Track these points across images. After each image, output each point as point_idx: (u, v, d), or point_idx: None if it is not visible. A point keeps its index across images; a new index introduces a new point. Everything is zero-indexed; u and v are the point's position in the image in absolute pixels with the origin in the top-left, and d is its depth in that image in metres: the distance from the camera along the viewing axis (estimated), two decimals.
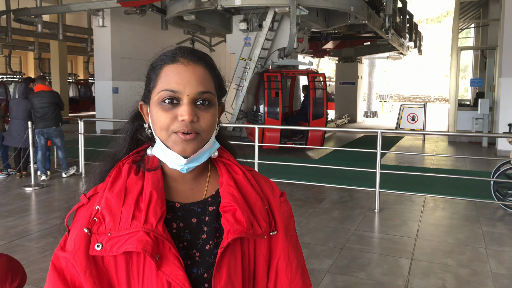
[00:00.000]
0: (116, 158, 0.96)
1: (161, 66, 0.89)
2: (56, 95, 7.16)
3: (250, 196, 0.92)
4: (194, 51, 0.91)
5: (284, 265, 0.93)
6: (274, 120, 9.73)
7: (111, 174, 0.90)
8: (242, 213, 0.88)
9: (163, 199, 0.87)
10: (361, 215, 5.27)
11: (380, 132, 5.63)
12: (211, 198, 0.93)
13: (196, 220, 0.90)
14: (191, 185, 0.93)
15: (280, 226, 0.93)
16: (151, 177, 0.89)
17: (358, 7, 11.27)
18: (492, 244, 4.33)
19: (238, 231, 0.86)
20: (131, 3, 11.79)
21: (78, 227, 0.86)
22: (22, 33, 17.91)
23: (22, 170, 7.35)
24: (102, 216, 0.84)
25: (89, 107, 22.89)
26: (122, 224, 0.83)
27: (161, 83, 0.87)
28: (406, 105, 14.18)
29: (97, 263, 0.84)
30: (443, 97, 38.20)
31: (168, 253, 0.83)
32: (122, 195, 0.86)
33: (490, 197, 5.60)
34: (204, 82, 0.87)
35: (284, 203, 0.98)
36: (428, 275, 3.62)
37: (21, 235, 4.51)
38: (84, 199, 0.89)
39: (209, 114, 0.87)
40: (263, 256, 0.92)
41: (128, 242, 0.81)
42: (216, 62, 0.94)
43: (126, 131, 0.99)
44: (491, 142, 11.29)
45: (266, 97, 9.71)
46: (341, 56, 20.78)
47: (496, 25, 12.28)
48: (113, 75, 14.05)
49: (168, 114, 0.85)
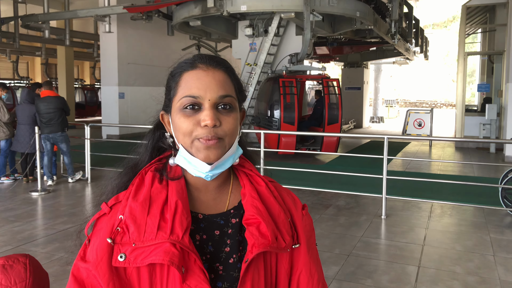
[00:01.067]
0: (137, 167, 0.94)
1: (181, 74, 0.88)
2: (62, 101, 7.20)
3: (273, 209, 0.90)
4: (213, 56, 0.91)
5: (306, 279, 0.92)
6: (290, 126, 9.72)
7: (134, 182, 0.88)
8: (267, 226, 0.86)
9: (188, 210, 0.85)
10: (368, 222, 5.23)
11: (386, 137, 5.60)
12: (233, 210, 0.91)
13: (219, 233, 0.89)
14: (214, 195, 0.92)
15: (302, 239, 0.92)
16: (175, 186, 0.87)
17: (364, 13, 11.27)
18: (501, 251, 4.28)
19: (263, 244, 0.85)
20: (138, 8, 11.87)
21: (100, 236, 0.83)
22: (29, 38, 18.09)
23: (29, 175, 7.39)
24: (126, 226, 0.82)
25: (95, 112, 23.04)
26: (147, 235, 0.81)
27: (182, 90, 0.86)
28: (413, 111, 14.11)
29: (120, 275, 0.81)
30: (450, 103, 38.03)
31: (193, 265, 0.81)
32: (147, 205, 0.84)
33: (498, 204, 5.54)
34: (225, 86, 0.87)
35: (306, 216, 0.97)
36: (435, 282, 3.58)
37: (27, 240, 4.52)
38: (106, 208, 0.86)
39: (231, 118, 0.86)
40: (284, 269, 0.90)
41: (154, 253, 0.79)
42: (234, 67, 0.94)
43: (148, 140, 0.98)
44: (499, 148, 11.20)
45: (282, 102, 9.71)
46: (347, 61, 20.78)
47: (503, 30, 12.22)
48: (119, 81, 14.13)
49: (190, 120, 0.84)
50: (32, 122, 7.17)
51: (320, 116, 10.77)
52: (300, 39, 11.76)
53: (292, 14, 10.25)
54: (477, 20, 16.50)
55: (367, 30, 14.21)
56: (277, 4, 10.08)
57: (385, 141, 5.55)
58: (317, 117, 10.77)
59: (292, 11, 10.18)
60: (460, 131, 12.40)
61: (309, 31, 9.95)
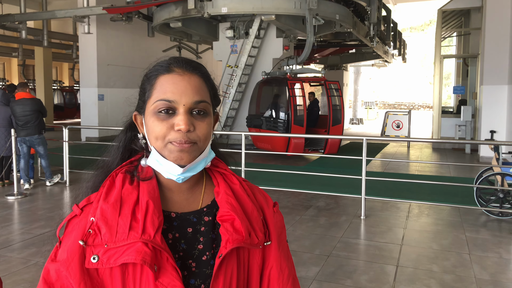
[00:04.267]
0: (109, 168, 0.95)
1: (156, 76, 0.88)
2: (38, 103, 7.06)
3: (247, 206, 0.92)
4: (189, 61, 0.91)
5: (276, 274, 0.94)
6: (300, 127, 9.86)
7: (105, 184, 0.88)
8: (241, 223, 0.88)
9: (160, 209, 0.86)
10: (347, 222, 5.30)
11: (365, 139, 5.68)
12: (206, 208, 0.92)
13: (192, 230, 0.90)
14: (186, 195, 0.93)
15: (274, 236, 0.94)
16: (147, 187, 0.88)
17: (343, 16, 11.42)
18: (476, 250, 4.39)
19: (237, 240, 0.86)
20: (117, 9, 11.74)
21: (72, 238, 0.83)
22: (5, 39, 17.70)
23: (5, 179, 7.22)
24: (97, 228, 0.82)
25: (74, 114, 22.65)
26: (119, 235, 0.81)
27: (157, 93, 0.87)
28: (391, 112, 14.34)
29: (91, 275, 0.81)
30: (427, 104, 38.76)
31: (165, 263, 0.82)
32: (118, 206, 0.84)
33: (473, 203, 5.69)
34: (200, 91, 0.87)
35: (277, 213, 0.99)
36: (413, 281, 3.65)
37: (2, 246, 4.42)
38: (77, 210, 0.86)
39: (205, 123, 0.87)
40: (257, 265, 0.93)
41: (126, 253, 0.80)
42: (210, 71, 0.95)
43: (120, 141, 0.98)
44: (474, 148, 11.48)
45: (292, 105, 9.80)
46: (327, 64, 20.98)
47: (478, 34, 12.54)
48: (99, 82, 13.95)
49: (164, 124, 0.85)
50: (8, 124, 7.01)
51: (316, 117, 10.91)
52: (280, 41, 11.85)
53: (273, 16, 10.31)
54: (452, 24, 16.88)
55: (346, 33, 14.39)
56: (257, 6, 10.13)
57: (364, 142, 5.63)
58: (312, 118, 10.88)
59: (272, 13, 10.25)
60: (436, 132, 12.66)
61: (312, 34, 10.10)
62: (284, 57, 11.81)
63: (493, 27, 10.07)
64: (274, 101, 10.61)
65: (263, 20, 10.73)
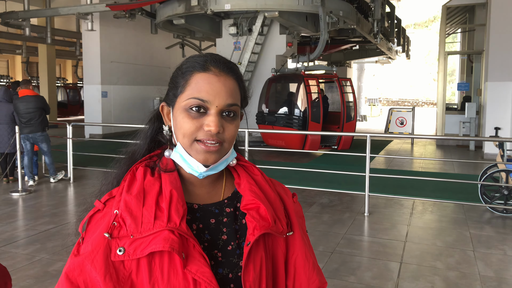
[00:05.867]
0: (133, 159, 0.95)
1: (191, 72, 0.88)
2: (42, 100, 7.08)
3: (269, 195, 0.94)
4: (226, 61, 0.91)
5: (302, 262, 0.95)
6: (317, 124, 9.93)
7: (126, 178, 0.88)
8: (267, 209, 0.89)
9: (183, 198, 0.86)
10: (351, 219, 5.29)
11: (369, 136, 5.67)
12: (227, 200, 0.94)
13: (214, 221, 0.91)
14: (207, 188, 0.94)
15: (296, 225, 0.95)
16: (169, 178, 0.88)
17: (347, 12, 11.38)
18: (480, 247, 4.38)
19: (264, 227, 0.87)
20: (120, 6, 11.75)
21: (96, 232, 0.82)
22: (9, 36, 17.73)
23: (9, 176, 7.25)
24: (122, 219, 0.82)
25: (78, 111, 22.71)
26: (144, 225, 0.81)
27: (191, 90, 0.87)
28: (395, 109, 14.31)
29: (117, 268, 0.80)
30: (431, 101, 38.61)
31: (193, 251, 0.82)
32: (141, 197, 0.84)
33: (478, 200, 5.67)
34: (233, 94, 0.88)
35: (297, 203, 1.01)
36: (417, 278, 3.65)
37: (7, 242, 4.44)
38: (100, 205, 0.86)
39: (233, 125, 0.88)
40: (282, 253, 0.93)
41: (153, 242, 0.79)
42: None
43: (146, 132, 0.98)
44: (478, 145, 11.44)
45: (309, 102, 9.84)
46: (330, 60, 20.90)
47: (482, 30, 12.47)
48: (102, 79, 13.96)
49: (194, 122, 0.85)
50: (11, 121, 7.03)
51: (325, 114, 10.92)
52: (284, 38, 11.81)
53: (276, 13, 10.28)
54: (457, 20, 16.80)
55: (350, 30, 14.33)
56: (261, 3, 10.10)
57: (367, 139, 5.62)
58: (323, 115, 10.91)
59: (275, 10, 10.22)
60: (440, 129, 12.61)
61: (325, 31, 10.19)
62: (287, 54, 11.78)
63: (498, 23, 10.00)
64: (289, 98, 10.61)
65: (267, 17, 10.70)
